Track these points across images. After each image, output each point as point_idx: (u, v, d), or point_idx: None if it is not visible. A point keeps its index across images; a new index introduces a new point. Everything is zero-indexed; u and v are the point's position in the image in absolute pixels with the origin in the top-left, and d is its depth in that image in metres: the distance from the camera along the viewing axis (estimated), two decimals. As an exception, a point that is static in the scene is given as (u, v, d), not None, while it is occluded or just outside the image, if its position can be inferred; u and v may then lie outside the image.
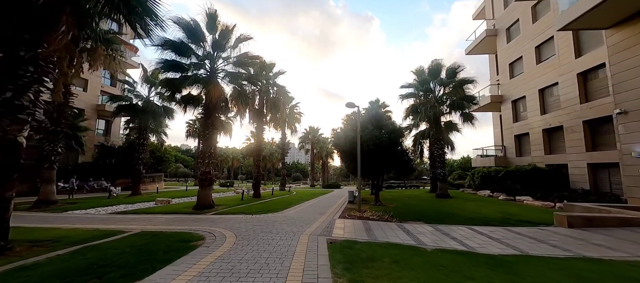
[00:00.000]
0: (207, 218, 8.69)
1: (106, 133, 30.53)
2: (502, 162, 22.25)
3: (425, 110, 17.35)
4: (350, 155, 13.14)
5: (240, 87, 12.30)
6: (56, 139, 12.68)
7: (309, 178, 65.76)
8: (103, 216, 9.53)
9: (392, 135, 12.17)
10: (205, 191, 11.20)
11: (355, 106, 11.26)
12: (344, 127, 13.69)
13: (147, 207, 12.64)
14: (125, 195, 18.78)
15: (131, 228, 6.83)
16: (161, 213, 10.06)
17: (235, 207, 11.67)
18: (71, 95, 13.21)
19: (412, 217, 9.78)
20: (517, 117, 21.53)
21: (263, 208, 11.32)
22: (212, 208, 11.10)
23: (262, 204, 13.20)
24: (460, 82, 17.30)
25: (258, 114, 18.01)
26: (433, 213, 10.63)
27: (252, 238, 5.85)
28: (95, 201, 14.62)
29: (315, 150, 43.64)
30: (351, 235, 6.54)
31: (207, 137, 11.46)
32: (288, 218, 8.78)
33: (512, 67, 21.97)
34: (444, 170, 18.34)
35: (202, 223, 7.67)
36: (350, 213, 10.32)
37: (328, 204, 13.85)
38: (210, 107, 11.25)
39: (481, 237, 6.96)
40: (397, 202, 14.99)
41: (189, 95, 12.02)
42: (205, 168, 11.36)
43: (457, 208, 12.57)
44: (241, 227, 7.03)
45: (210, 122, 11.41)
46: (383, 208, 12.22)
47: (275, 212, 10.48)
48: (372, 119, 12.92)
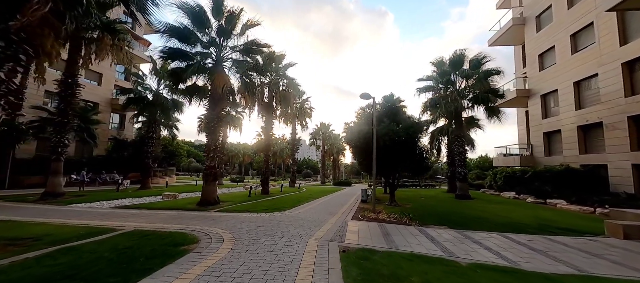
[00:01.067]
0: (208, 216, 8.05)
1: (120, 127, 30.92)
2: (528, 161, 20.58)
3: (446, 104, 16.06)
4: (364, 151, 12.19)
5: (247, 78, 11.59)
6: (63, 130, 12.46)
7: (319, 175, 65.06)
8: (104, 210, 9.11)
9: (410, 130, 11.12)
10: (209, 187, 10.61)
11: (371, 97, 10.29)
12: (358, 121, 12.73)
13: (152, 201, 12.24)
14: (134, 189, 18.68)
15: (124, 226, 6.26)
16: (163, 209, 9.55)
17: (241, 204, 11.03)
18: (78, 87, 12.95)
19: (433, 220, 8.77)
20: (546, 113, 19.76)
21: (270, 206, 10.61)
22: (216, 204, 10.50)
23: (270, 201, 12.52)
24: (485, 74, 15.87)
25: (267, 107, 17.32)
26: (456, 217, 9.55)
27: (253, 242, 5.09)
28: (103, 194, 14.45)
29: (326, 147, 42.77)
30: (367, 242, 5.67)
31: (213, 130, 10.83)
32: (295, 219, 7.99)
33: (542, 58, 20.15)
34: (464, 170, 17.03)
35: (201, 222, 7.02)
36: (363, 214, 9.42)
37: (339, 203, 13.00)
38: (216, 97, 10.61)
39: (520, 247, 5.90)
40: (414, 203, 13.93)
41: (194, 85, 11.43)
42: (210, 162, 10.76)
43: (481, 210, 11.40)
44: (242, 228, 6.30)
45: (216, 113, 10.77)
46: (399, 209, 11.23)
47: (283, 210, 9.74)
48: (388, 111, 11.89)
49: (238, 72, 11.65)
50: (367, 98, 10.31)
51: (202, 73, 10.56)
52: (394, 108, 12.00)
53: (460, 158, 17.16)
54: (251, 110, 17.82)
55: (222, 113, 11.34)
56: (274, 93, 17.18)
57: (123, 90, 19.23)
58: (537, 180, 17.15)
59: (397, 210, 10.53)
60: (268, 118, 17.56)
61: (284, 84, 17.66)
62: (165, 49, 10.39)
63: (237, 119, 29.18)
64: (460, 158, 17.16)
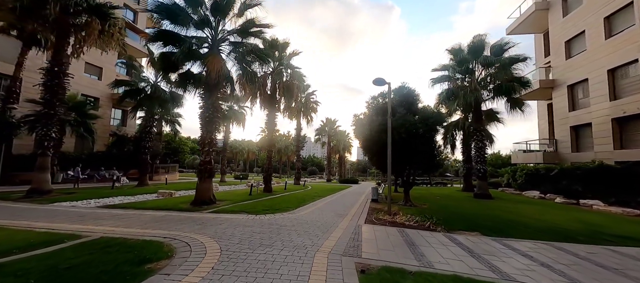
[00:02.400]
0: (199, 218, 6.94)
1: (123, 123, 30.23)
2: (552, 158, 18.97)
3: (464, 94, 14.61)
4: (376, 145, 10.93)
5: (246, 64, 10.42)
6: (49, 123, 11.55)
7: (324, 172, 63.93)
8: (86, 210, 8.11)
9: (429, 121, 9.81)
10: (204, 184, 9.53)
11: (385, 83, 9.00)
12: (368, 112, 11.44)
13: (144, 200, 11.26)
14: (131, 186, 17.83)
15: (93, 232, 5.19)
16: (152, 209, 8.50)
17: (240, 204, 9.92)
18: (66, 76, 12.00)
19: (461, 224, 7.48)
20: (574, 105, 18.09)
21: (271, 206, 9.47)
22: (211, 204, 9.42)
23: (271, 200, 11.39)
24: (509, 61, 14.36)
25: (270, 99, 16.17)
26: (485, 220, 8.24)
27: (243, 257, 3.93)
28: (96, 191, 13.56)
29: (332, 143, 41.52)
30: (390, 255, 4.45)
31: (208, 121, 9.72)
32: (299, 222, 6.82)
33: (570, 45, 18.43)
34: (484, 167, 15.61)
35: (188, 226, 5.91)
36: (377, 216, 8.19)
37: (348, 202, 11.80)
38: (211, 84, 9.48)
39: (588, 265, 4.60)
40: (430, 202, 12.63)
41: (188, 73, 10.32)
42: (205, 157, 9.67)
43: (510, 212, 10.03)
44: (234, 236, 5.16)
45: (211, 102, 9.65)
46: (415, 209, 9.97)
47: (285, 211, 8.58)
48: (404, 101, 10.58)
49: (236, 58, 10.50)
50: (381, 84, 9.02)
51: (195, 57, 9.42)
52: (410, 97, 10.68)
53: (479, 155, 15.74)
54: (253, 103, 16.76)
55: (219, 102, 10.22)
56: (277, 84, 16.00)
57: (119, 82, 18.31)
58: (565, 178, 15.63)
59: (414, 212, 9.27)
60: (271, 111, 16.41)
61: (287, 74, 16.45)
62: (155, 31, 9.31)
63: (239, 114, 28.19)
64: (479, 154, 15.75)
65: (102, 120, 27.21)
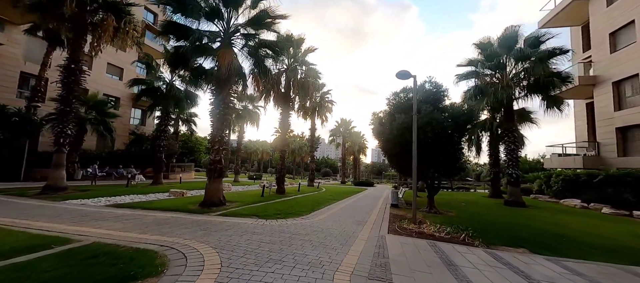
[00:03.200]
0: (205, 222, 6.38)
1: (142, 122, 30.94)
2: (593, 162, 17.07)
3: (495, 92, 13.29)
4: (397, 146, 9.99)
5: (259, 58, 9.85)
6: (65, 119, 11.56)
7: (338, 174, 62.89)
8: (91, 209, 7.80)
9: (459, 119, 8.76)
10: (213, 185, 9.03)
11: (410, 76, 8.09)
12: (389, 110, 10.53)
13: (155, 199, 10.98)
14: (146, 184, 17.88)
15: (89, 235, 4.73)
16: (159, 209, 8.07)
17: (250, 206, 9.33)
18: (83, 73, 12.01)
19: (500, 237, 6.43)
20: (620, 104, 16.17)
21: (283, 210, 8.80)
22: (221, 205, 8.89)
23: (284, 203, 10.74)
24: (548, 54, 12.89)
25: (284, 98, 15.60)
26: (527, 233, 7.10)
27: (247, 276, 3.24)
28: (110, 189, 13.52)
29: (347, 144, 40.54)
30: (427, 279, 3.59)
31: (219, 118, 9.23)
32: (314, 230, 6.08)
33: (615, 37, 16.54)
34: (516, 171, 14.17)
35: (191, 232, 5.33)
36: (401, 225, 7.29)
37: (366, 207, 10.92)
38: (222, 78, 8.98)
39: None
40: (456, 209, 11.49)
41: (200, 68, 9.92)
42: (215, 155, 9.18)
43: (552, 224, 8.76)
44: (240, 245, 4.49)
45: (222, 98, 9.15)
46: (442, 218, 8.95)
47: (298, 216, 7.87)
48: (430, 97, 9.58)
49: (249, 53, 9.96)
50: (405, 77, 8.12)
51: (206, 52, 8.96)
52: (437, 93, 9.67)
53: (511, 158, 14.31)
54: (266, 101, 16.28)
55: (230, 98, 9.71)
56: (292, 82, 15.41)
57: (136, 81, 18.45)
58: (611, 185, 13.91)
59: (441, 220, 8.27)
60: (285, 110, 15.83)
61: (302, 71, 15.83)
62: (164, 23, 8.94)
63: (253, 113, 27.97)
64: (511, 157, 14.32)
65: (122, 120, 27.97)
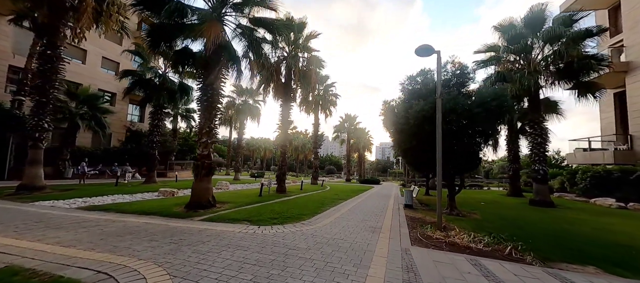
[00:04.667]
0: (182, 231, 5.12)
1: (141, 119, 29.97)
2: (626, 157, 15.48)
3: (521, 78, 11.76)
4: (415, 138, 8.61)
5: (255, 41, 8.54)
6: (42, 112, 10.42)
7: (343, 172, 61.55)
8: (56, 214, 6.62)
9: (490, 104, 7.33)
10: (201, 184, 7.78)
11: (433, 51, 6.69)
12: (404, 96, 9.12)
13: (139, 200, 9.81)
14: (139, 182, 16.80)
15: (14, 252, 3.53)
16: (136, 213, 6.86)
17: (244, 208, 8.07)
18: (61, 61, 10.84)
19: (554, 250, 5.06)
20: (658, 92, 14.51)
21: (282, 212, 7.52)
22: (209, 208, 7.65)
23: (284, 204, 9.46)
24: (583, 33, 11.31)
25: (284, 88, 14.29)
26: (585, 244, 5.69)
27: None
28: (96, 189, 12.41)
29: (352, 141, 39.13)
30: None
31: (206, 106, 7.99)
32: (317, 241, 4.78)
33: (652, 17, 14.84)
34: (544, 167, 12.67)
35: (157, 246, 4.10)
36: (424, 232, 5.94)
37: (376, 208, 9.58)
38: (209, 60, 7.70)
39: None
40: (478, 210, 10.11)
41: (185, 51, 8.63)
42: (202, 150, 7.93)
43: (606, 230, 7.31)
44: (213, 269, 3.22)
45: (210, 83, 7.88)
46: (468, 222, 7.57)
47: (299, 220, 6.58)
48: (452, 80, 8.18)
49: (243, 34, 8.65)
50: (427, 54, 6.71)
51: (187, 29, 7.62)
52: (462, 75, 8.25)
53: (538, 152, 12.81)
54: (266, 92, 14.99)
55: (221, 84, 8.43)
56: (293, 70, 14.06)
57: (126, 72, 17.28)
58: (651, 183, 12.36)
59: (468, 225, 6.91)
60: (285, 102, 14.51)
61: (304, 58, 14.47)
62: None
63: (254, 108, 26.75)
64: (538, 151, 12.81)
65: (119, 116, 26.97)
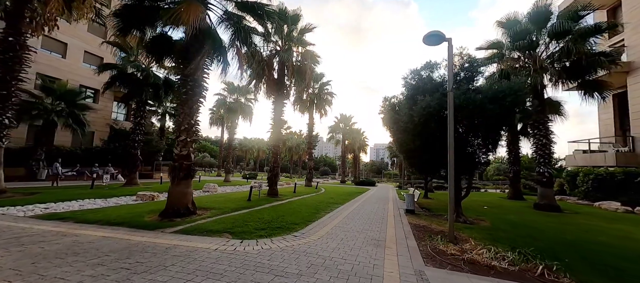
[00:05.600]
0: (144, 248, 4.18)
1: (127, 117, 28.55)
2: (628, 160, 15.10)
3: (527, 76, 11.15)
4: (418, 137, 7.83)
5: (239, 25, 7.62)
6: (3, 106, 9.25)
7: (337, 173, 60.82)
8: (2, 223, 5.55)
9: (504, 100, 6.60)
10: (178, 188, 6.81)
11: (444, 39, 5.90)
12: (407, 92, 8.32)
13: (113, 205, 8.76)
14: (119, 184, 15.60)
15: None
16: (97, 223, 5.85)
17: (228, 216, 7.12)
18: (25, 50, 9.68)
19: (588, 269, 4.29)
20: (662, 93, 14.15)
21: (270, 221, 6.60)
22: (188, 215, 6.68)
23: (274, 210, 8.54)
24: (592, 29, 10.77)
25: (277, 85, 13.37)
26: (618, 257, 4.97)
27: None
28: (67, 192, 11.25)
29: (347, 142, 38.38)
30: None
31: (186, 99, 7.02)
32: (311, 264, 3.89)
33: (656, 16, 14.51)
34: (549, 169, 12.12)
35: (103, 272, 3.17)
36: (435, 245, 5.12)
37: (376, 214, 8.75)
38: (189, 47, 6.75)
39: None
40: (484, 216, 9.38)
41: (162, 37, 7.64)
42: (181, 149, 6.97)
43: (630, 238, 6.64)
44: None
45: (190, 72, 6.92)
46: (477, 229, 6.79)
47: (289, 231, 5.68)
48: (462, 72, 7.43)
49: (228, 19, 7.72)
50: (436, 42, 5.92)
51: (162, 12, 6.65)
52: (471, 68, 7.51)
53: (543, 154, 12.24)
54: (257, 89, 14.04)
55: (203, 75, 7.47)
56: (286, 65, 13.16)
57: (106, 66, 16.01)
58: (658, 186, 11.93)
59: (480, 234, 6.13)
60: (278, 99, 13.58)
61: (298, 53, 13.59)
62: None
63: (246, 107, 25.71)
64: (543, 153, 12.25)
65: (103, 113, 25.57)
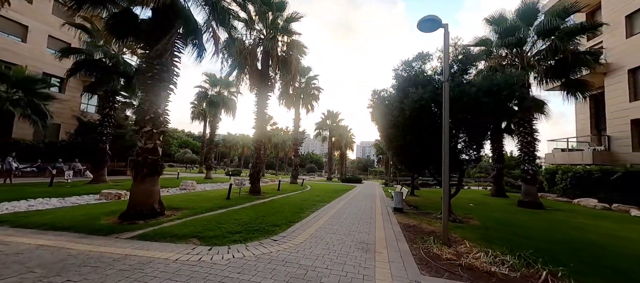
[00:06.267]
0: (89, 260, 3.43)
1: (99, 109, 26.48)
2: (604, 158, 15.60)
3: (514, 72, 11.04)
4: (409, 132, 7.40)
5: (218, 4, 6.81)
6: None
7: (324, 170, 60.48)
8: None
9: (499, 94, 6.27)
10: (142, 186, 5.96)
11: (439, 25, 5.44)
12: (398, 84, 7.86)
13: (70, 205, 7.73)
14: (85, 182, 14.23)
15: None
16: (43, 227, 4.96)
17: (200, 217, 6.36)
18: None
19: (590, 272, 3.99)
20: (637, 94, 14.67)
21: (248, 222, 5.94)
22: (153, 217, 5.87)
23: (254, 209, 7.85)
24: (579, 28, 10.81)
25: (261, 76, 12.57)
26: (616, 257, 4.74)
27: None
28: (19, 190, 9.98)
29: (334, 139, 37.96)
30: None
31: (151, 85, 6.15)
32: (291, 277, 3.30)
33: (632, 20, 15.01)
34: (533, 167, 12.19)
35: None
36: (429, 249, 4.68)
37: (363, 212, 8.28)
38: (157, 25, 5.88)
39: None
40: (472, 214, 9.17)
41: (125, 13, 6.67)
42: (146, 142, 6.10)
43: (620, 237, 6.54)
44: None
45: (157, 54, 6.06)
46: (469, 229, 6.47)
47: (268, 235, 5.06)
48: (455, 64, 7.06)
49: None
50: (432, 28, 5.45)
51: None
52: (467, 60, 7.13)
53: (527, 151, 12.29)
54: (239, 81, 13.13)
55: (174, 59, 6.62)
56: (271, 55, 12.37)
57: (68, 50, 14.44)
58: (631, 183, 12.37)
59: (473, 234, 5.79)
60: (262, 91, 12.78)
61: (284, 42, 12.83)
62: None
63: (229, 101, 24.56)
64: (527, 151, 12.30)
65: (70, 104, 23.57)
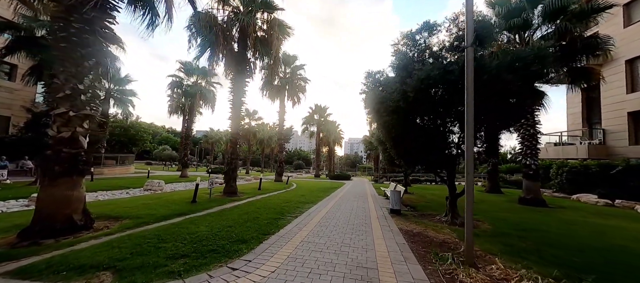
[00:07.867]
0: None
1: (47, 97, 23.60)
2: (600, 152, 15.12)
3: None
4: (414, 116, 6.06)
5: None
6: None
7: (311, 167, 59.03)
8: None
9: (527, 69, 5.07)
10: (55, 190, 4.29)
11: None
12: (399, 62, 6.47)
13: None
14: (26, 183, 12.04)
15: None
16: None
17: (142, 230, 4.75)
18: None
19: None
20: (634, 86, 14.19)
21: (205, 238, 4.40)
22: (72, 232, 4.23)
23: (219, 217, 6.28)
24: (590, 9, 9.93)
25: (237, 58, 10.90)
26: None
27: None
28: None
29: (322, 135, 36.56)
30: None
31: (68, 51, 4.45)
32: None
33: (630, 9, 14.46)
34: (536, 162, 11.30)
35: None
36: (451, 272, 3.35)
37: (356, 216, 6.92)
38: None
39: None
40: (477, 214, 8.05)
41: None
42: (59, 129, 4.42)
43: None
44: None
45: (72, 7, 4.34)
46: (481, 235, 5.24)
47: (225, 260, 3.57)
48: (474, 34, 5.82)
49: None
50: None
51: None
52: (483, 30, 5.89)
53: (530, 145, 11.40)
54: (214, 64, 11.35)
55: (105, 22, 4.91)
56: (247, 34, 10.70)
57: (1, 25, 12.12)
58: (633, 178, 11.78)
59: (490, 243, 4.54)
60: (238, 75, 11.10)
61: (263, 20, 11.18)
62: None
63: (207, 92, 22.52)
64: (530, 144, 11.41)
65: (23, 94, 20.76)
